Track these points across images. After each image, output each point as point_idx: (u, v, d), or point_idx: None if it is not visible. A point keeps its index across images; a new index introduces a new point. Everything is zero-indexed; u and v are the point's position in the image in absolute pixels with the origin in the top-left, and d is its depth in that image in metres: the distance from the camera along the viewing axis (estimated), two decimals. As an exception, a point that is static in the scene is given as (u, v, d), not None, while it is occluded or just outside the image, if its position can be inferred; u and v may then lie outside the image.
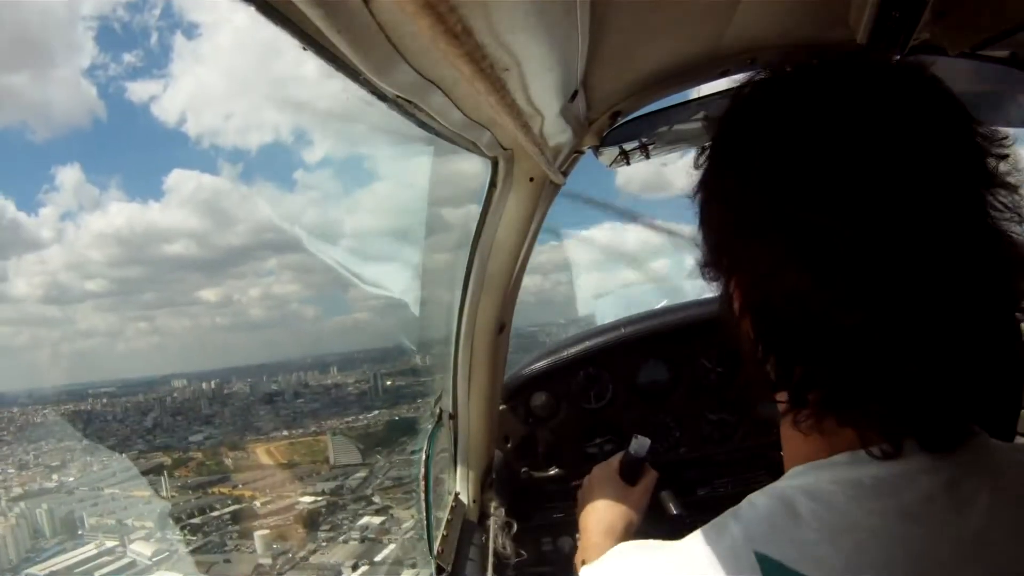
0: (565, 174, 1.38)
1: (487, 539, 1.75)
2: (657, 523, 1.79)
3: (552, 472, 2.02)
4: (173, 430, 25.26)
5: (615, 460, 1.37)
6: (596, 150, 1.38)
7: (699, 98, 1.31)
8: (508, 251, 1.46)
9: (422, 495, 1.52)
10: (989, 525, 0.54)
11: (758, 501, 0.59)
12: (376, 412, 24.48)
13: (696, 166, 0.65)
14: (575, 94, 1.00)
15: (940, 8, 0.91)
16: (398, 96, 0.71)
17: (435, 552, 1.53)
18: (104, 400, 26.52)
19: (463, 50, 0.53)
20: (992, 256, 0.53)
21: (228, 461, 23.63)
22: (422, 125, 0.88)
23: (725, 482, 1.97)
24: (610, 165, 1.48)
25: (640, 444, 1.35)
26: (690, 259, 0.66)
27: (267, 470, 23.22)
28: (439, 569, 1.53)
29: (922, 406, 0.54)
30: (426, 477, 1.54)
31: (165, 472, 22.71)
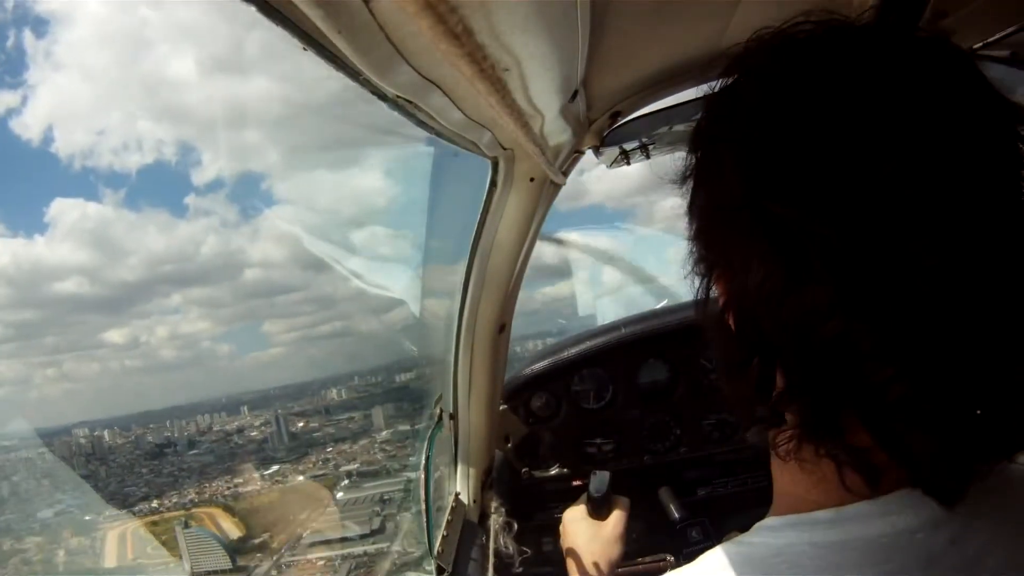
0: (565, 174, 1.38)
1: (487, 539, 1.75)
2: (657, 525, 1.80)
3: (553, 472, 2.02)
4: (28, 501, 18.53)
5: (581, 500, 1.36)
6: (596, 150, 1.38)
7: (699, 98, 1.31)
8: (508, 251, 1.46)
9: (422, 495, 1.52)
10: None
11: (720, 564, 0.52)
12: (275, 468, 19.23)
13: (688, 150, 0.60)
14: (575, 94, 1.00)
15: (940, 9, 0.91)
16: (398, 96, 0.71)
17: (435, 552, 1.53)
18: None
19: (463, 50, 0.53)
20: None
21: (60, 558, 17.07)
22: (422, 125, 0.88)
23: (725, 482, 1.97)
24: (610, 165, 1.48)
25: (599, 480, 1.34)
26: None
27: (100, 577, 16.10)
28: (439, 569, 1.53)
29: (912, 443, 0.45)
30: (426, 477, 1.54)
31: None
